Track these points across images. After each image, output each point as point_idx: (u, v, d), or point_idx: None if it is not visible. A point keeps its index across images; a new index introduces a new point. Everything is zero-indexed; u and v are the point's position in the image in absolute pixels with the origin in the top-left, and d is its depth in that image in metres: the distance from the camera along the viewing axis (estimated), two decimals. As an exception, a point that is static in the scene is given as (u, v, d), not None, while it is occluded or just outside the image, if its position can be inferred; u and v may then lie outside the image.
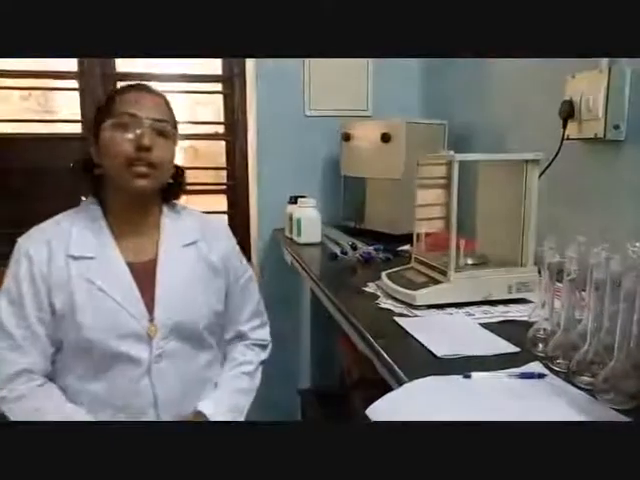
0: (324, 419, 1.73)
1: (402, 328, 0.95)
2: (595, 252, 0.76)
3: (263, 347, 1.28)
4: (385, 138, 1.74)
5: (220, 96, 2.26)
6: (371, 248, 1.56)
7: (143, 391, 1.02)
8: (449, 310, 1.06)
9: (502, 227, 1.15)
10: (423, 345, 0.87)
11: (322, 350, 2.02)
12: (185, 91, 2.32)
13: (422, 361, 0.82)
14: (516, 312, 1.05)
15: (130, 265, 1.02)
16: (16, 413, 0.96)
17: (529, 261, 1.11)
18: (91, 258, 0.99)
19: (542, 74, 1.41)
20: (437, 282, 1.09)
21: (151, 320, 1.00)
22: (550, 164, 1.26)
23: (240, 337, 1.24)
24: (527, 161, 1.09)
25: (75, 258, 0.99)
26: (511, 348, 0.86)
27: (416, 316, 1.02)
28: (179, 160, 1.12)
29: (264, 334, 1.29)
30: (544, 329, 0.86)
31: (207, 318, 1.09)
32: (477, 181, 1.21)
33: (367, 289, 1.21)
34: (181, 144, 2.50)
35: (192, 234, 1.12)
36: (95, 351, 0.97)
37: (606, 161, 1.21)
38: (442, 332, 0.93)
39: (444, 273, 1.09)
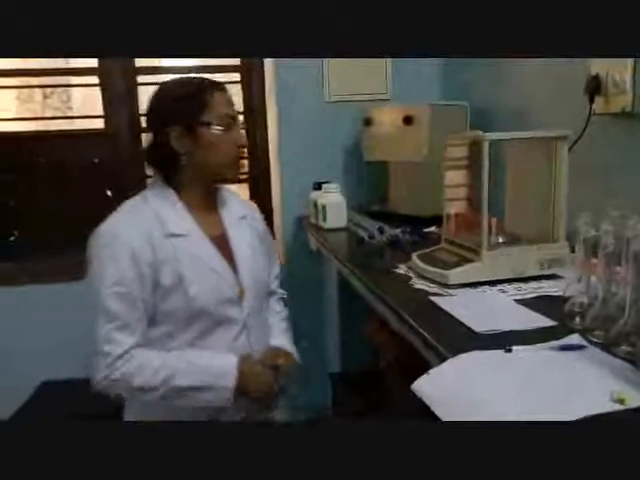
0: (356, 403, 1.76)
1: (438, 307, 0.97)
2: (632, 224, 0.77)
3: (285, 300, 1.44)
4: (408, 121, 1.74)
5: (239, 86, 2.27)
6: (398, 231, 1.57)
7: (241, 346, 1.14)
8: (482, 288, 1.07)
9: (532, 204, 1.16)
10: (461, 322, 0.88)
11: (351, 335, 2.04)
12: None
13: (462, 337, 0.83)
14: (549, 288, 1.06)
15: (211, 239, 1.13)
16: (129, 381, 1.03)
17: (561, 237, 1.12)
18: (184, 235, 1.08)
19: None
20: (469, 261, 1.10)
21: (239, 285, 1.13)
22: (578, 140, 1.26)
23: (270, 294, 1.38)
24: (556, 138, 1.10)
25: (174, 236, 1.07)
26: (548, 322, 0.87)
27: (451, 295, 1.04)
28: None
29: (283, 290, 1.45)
30: (580, 303, 0.87)
31: (267, 278, 1.26)
32: (504, 160, 1.22)
33: (398, 271, 1.22)
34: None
35: (240, 209, 1.25)
36: (202, 317, 1.08)
37: (634, 135, 1.21)
38: (478, 309, 0.95)
39: (476, 252, 1.10)
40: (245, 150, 1.16)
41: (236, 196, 1.29)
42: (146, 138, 1.13)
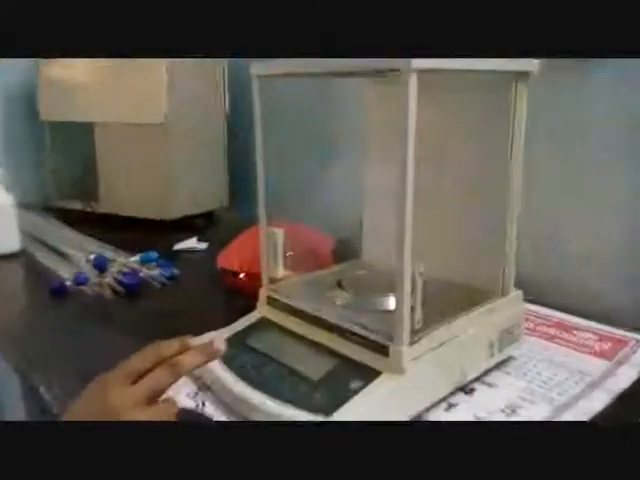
0: None
1: None
2: None
3: None
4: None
5: None
6: (135, 260, 0.81)
7: None
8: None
9: (454, 216, 0.56)
10: None
11: None
12: None
13: None
14: (526, 408, 0.48)
15: None
16: None
17: (510, 286, 0.55)
18: None
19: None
20: (372, 374, 0.44)
21: None
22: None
23: None
24: (518, 74, 0.50)
25: None
26: None
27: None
28: None
29: None
30: None
31: None
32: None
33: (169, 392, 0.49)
34: None
35: None
36: None
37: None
38: None
39: (380, 347, 0.45)
40: None
41: None
42: None
